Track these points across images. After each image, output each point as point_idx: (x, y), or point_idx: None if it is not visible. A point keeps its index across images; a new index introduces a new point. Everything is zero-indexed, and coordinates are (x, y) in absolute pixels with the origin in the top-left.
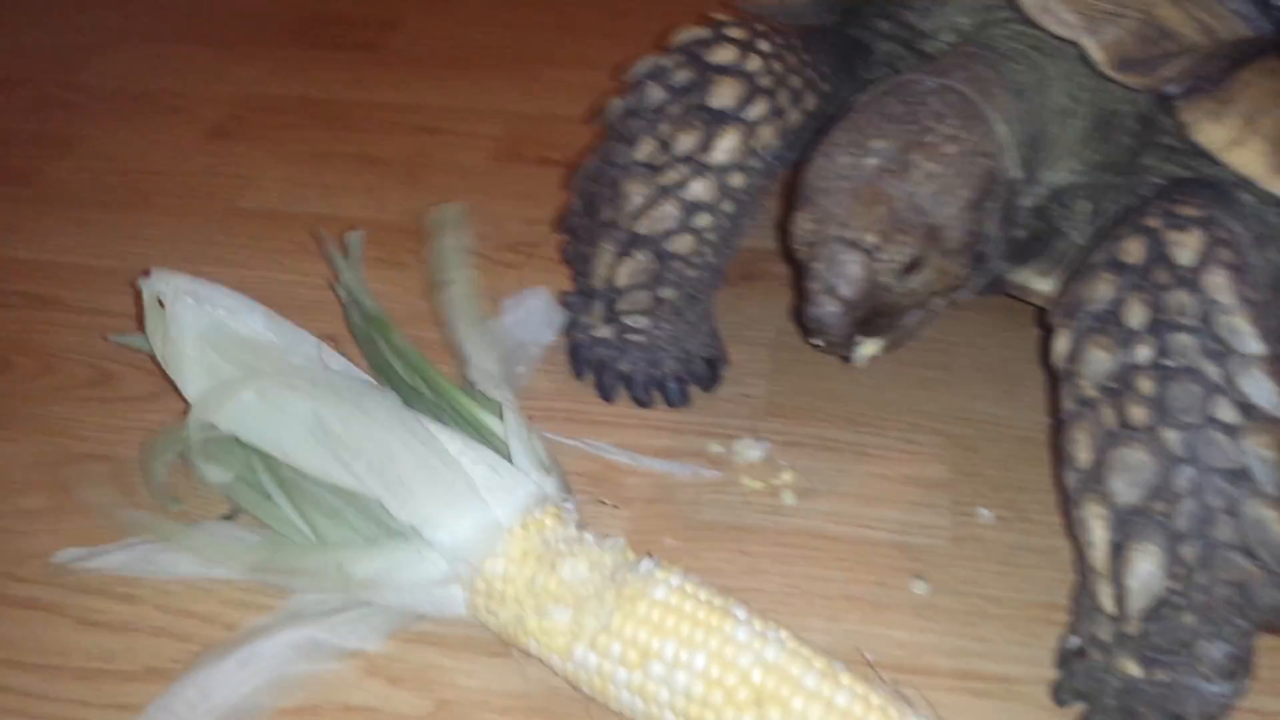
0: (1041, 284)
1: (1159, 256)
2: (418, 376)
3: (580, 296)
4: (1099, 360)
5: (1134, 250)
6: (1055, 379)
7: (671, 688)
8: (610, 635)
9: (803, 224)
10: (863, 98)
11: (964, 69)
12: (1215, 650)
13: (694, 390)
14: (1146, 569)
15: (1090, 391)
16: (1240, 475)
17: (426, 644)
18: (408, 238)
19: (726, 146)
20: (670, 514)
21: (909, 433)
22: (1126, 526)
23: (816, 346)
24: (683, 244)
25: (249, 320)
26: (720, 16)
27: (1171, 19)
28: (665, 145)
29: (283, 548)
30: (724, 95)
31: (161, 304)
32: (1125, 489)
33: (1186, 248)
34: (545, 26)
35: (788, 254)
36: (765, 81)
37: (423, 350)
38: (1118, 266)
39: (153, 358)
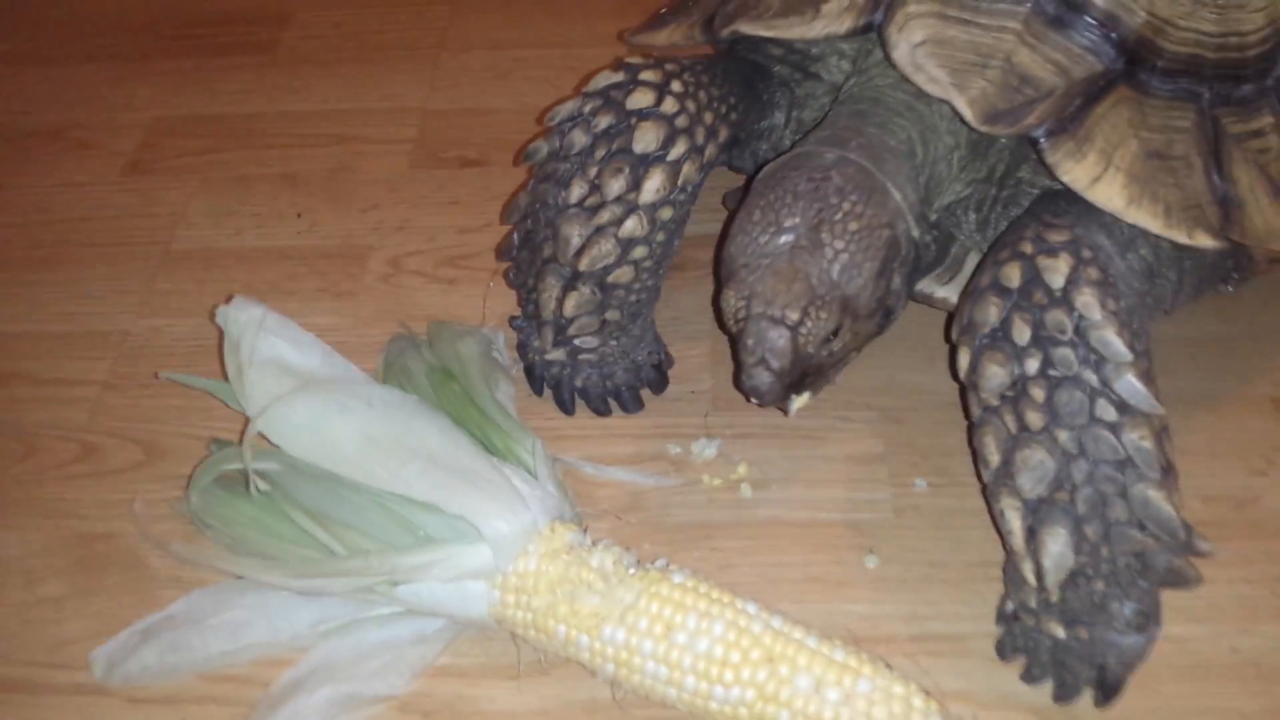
0: (942, 290)
1: (1034, 279)
2: (459, 412)
3: (529, 322)
4: (995, 374)
5: (1013, 275)
6: (963, 388)
7: (694, 652)
8: (638, 612)
9: (732, 302)
10: (771, 169)
11: (857, 133)
12: (1125, 609)
13: (647, 394)
14: (1057, 549)
15: (992, 400)
16: (1125, 464)
17: (449, 677)
18: (347, 263)
19: (653, 187)
20: (644, 520)
21: (844, 411)
22: (1036, 514)
23: (755, 403)
24: (622, 275)
25: (308, 353)
26: (633, 60)
27: (1029, 65)
28: (595, 187)
29: (323, 560)
30: (646, 140)
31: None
32: (1031, 485)
33: (1057, 272)
34: (436, 8)
35: (721, 325)
36: (681, 122)
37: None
38: (1001, 290)
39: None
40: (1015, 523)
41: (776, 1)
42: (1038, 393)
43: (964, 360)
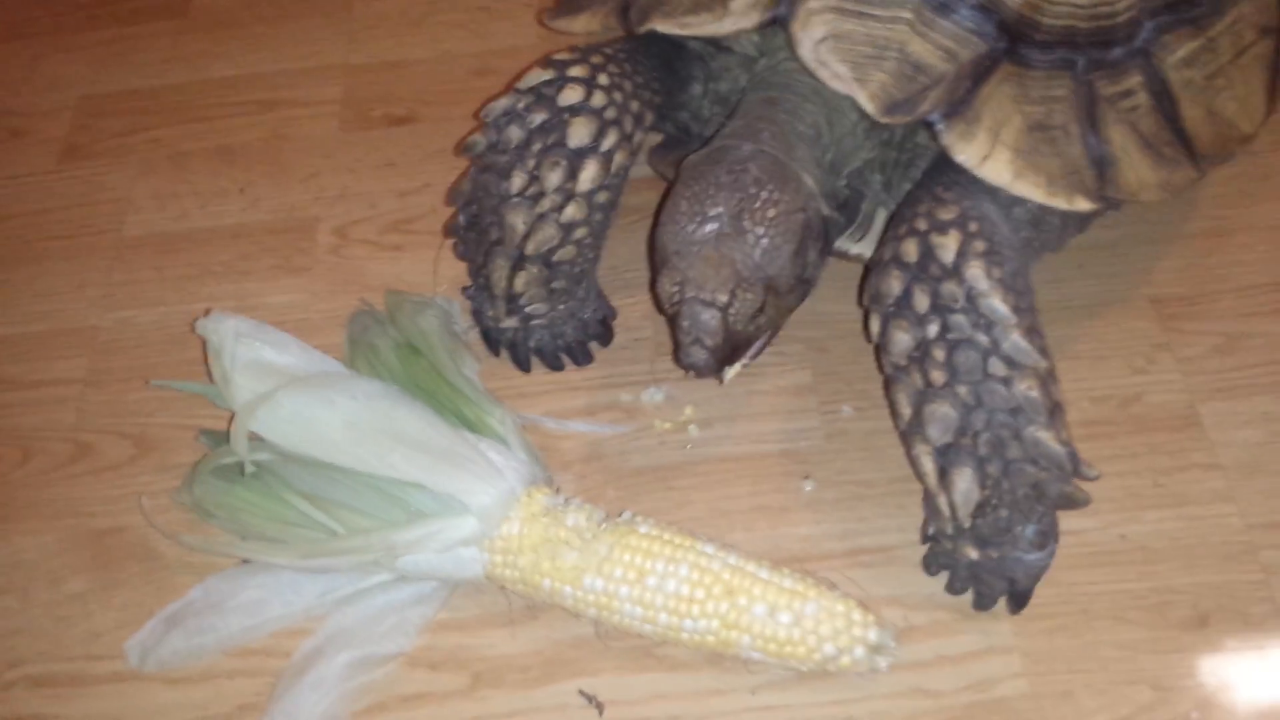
0: (856, 248)
1: (929, 254)
2: (429, 387)
3: (480, 291)
4: (901, 340)
5: (911, 251)
6: (876, 348)
7: (664, 592)
8: (612, 563)
9: (667, 287)
10: (695, 160)
11: (770, 122)
12: (1027, 531)
13: (595, 346)
14: (964, 485)
15: (900, 361)
16: (1017, 410)
17: (450, 630)
18: (295, 237)
19: (589, 177)
20: (606, 468)
21: (774, 346)
22: (945, 457)
23: (692, 376)
24: (566, 254)
25: (286, 351)
26: (560, 56)
27: (921, 53)
28: (535, 178)
29: (324, 540)
30: (579, 135)
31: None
32: (939, 434)
33: (947, 249)
34: None
35: (658, 307)
36: (610, 114)
37: (332, 354)
38: (902, 265)
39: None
40: (928, 465)
41: None
42: (939, 354)
43: (874, 326)
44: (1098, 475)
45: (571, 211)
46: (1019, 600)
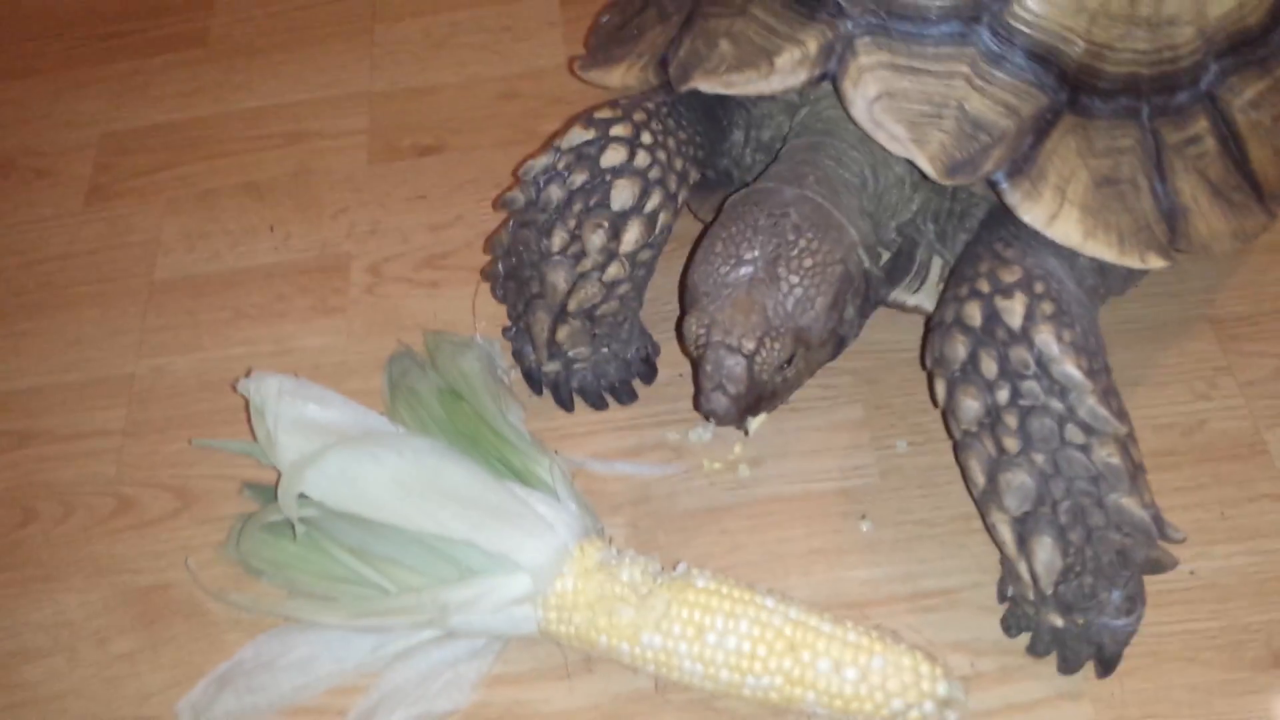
0: (912, 299)
1: (994, 317)
2: (473, 435)
3: (520, 334)
4: (970, 407)
5: (974, 315)
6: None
7: (725, 649)
8: (670, 619)
9: (693, 329)
10: (735, 201)
11: (814, 167)
12: (1114, 597)
13: (639, 384)
14: (1045, 555)
15: (971, 428)
16: (1098, 478)
17: (504, 685)
18: (329, 276)
19: (632, 239)
20: (655, 511)
21: (823, 379)
22: (1024, 525)
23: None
24: (609, 308)
25: (331, 407)
26: (603, 114)
27: (981, 109)
28: (576, 237)
29: (375, 597)
30: (623, 198)
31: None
32: (1016, 504)
33: (1014, 314)
34: None
35: (682, 348)
36: (655, 174)
37: (366, 398)
38: (965, 328)
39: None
40: (1007, 534)
41: (729, 53)
42: (1011, 420)
43: (940, 390)
44: (1183, 538)
45: (614, 271)
46: (1108, 665)
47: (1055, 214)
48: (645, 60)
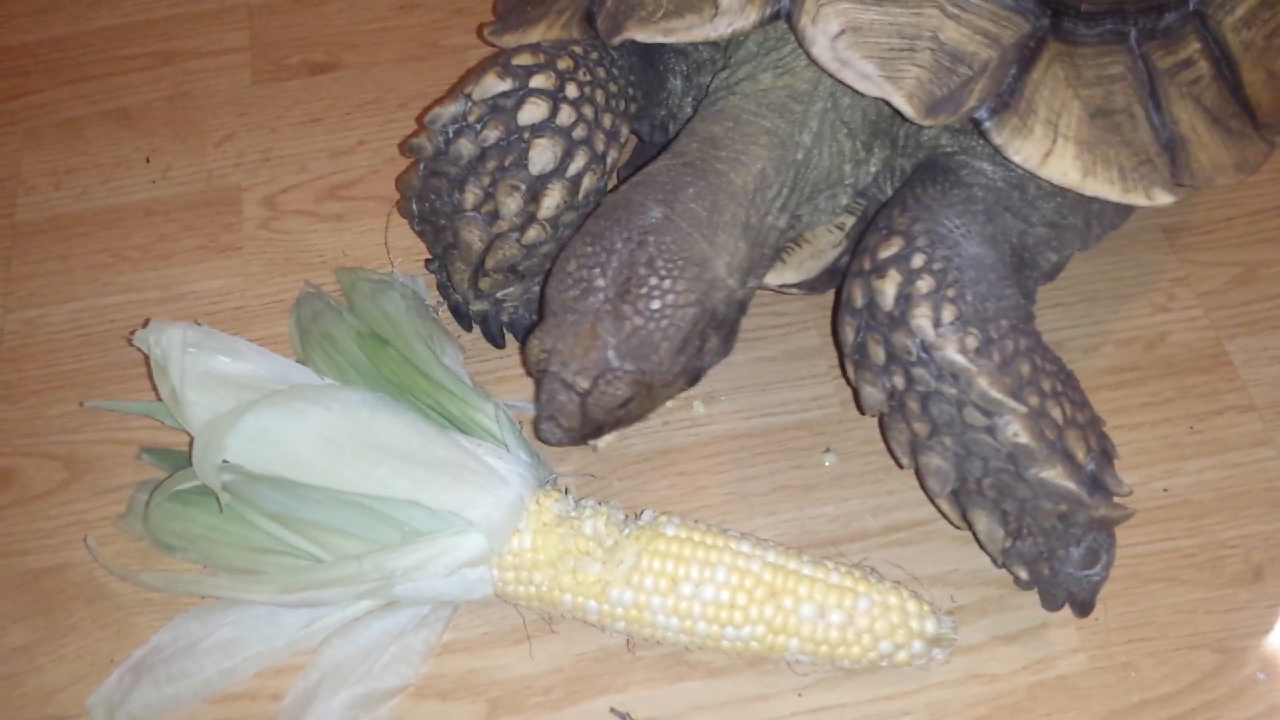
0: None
1: (873, 300)
2: (404, 383)
3: (444, 269)
4: (869, 394)
5: (856, 295)
6: None
7: (702, 600)
8: (641, 572)
9: (535, 351)
10: (608, 203)
11: (699, 173)
12: (1072, 552)
13: None
14: (983, 527)
15: (881, 410)
16: (1012, 456)
17: (457, 652)
18: (218, 211)
19: (552, 204)
20: (606, 456)
21: (774, 306)
22: (958, 498)
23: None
24: (531, 265)
25: (243, 359)
26: (522, 60)
27: (958, 40)
28: (490, 196)
29: (310, 567)
30: (543, 159)
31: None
32: (939, 486)
33: (885, 295)
34: None
35: (524, 363)
36: (580, 132)
37: (273, 344)
38: (852, 310)
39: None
40: (946, 508)
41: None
42: (914, 405)
43: (850, 372)
44: (1129, 490)
45: (534, 234)
46: (1083, 609)
47: (1049, 151)
48: (568, 16)
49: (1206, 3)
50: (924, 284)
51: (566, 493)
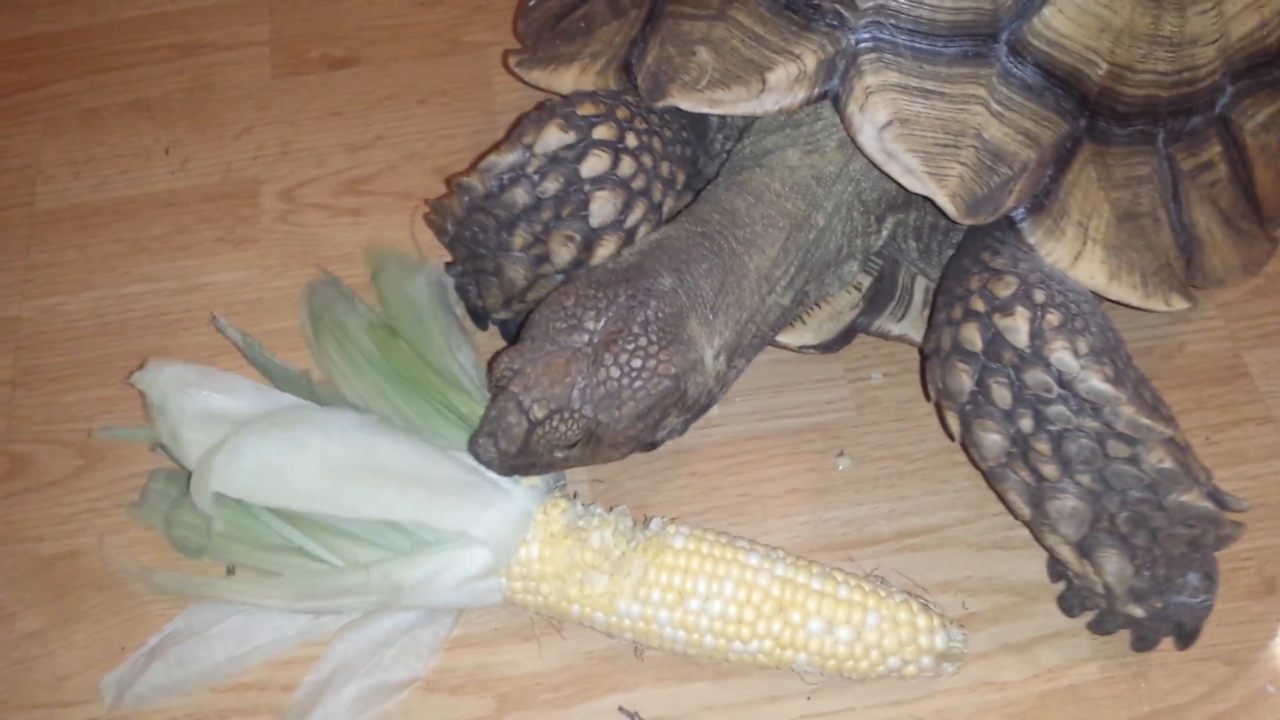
0: (897, 328)
1: (996, 338)
2: (414, 376)
3: (466, 276)
4: (992, 442)
5: (973, 338)
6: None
7: (709, 614)
8: (649, 585)
9: (501, 364)
10: (623, 259)
11: (713, 254)
12: (1191, 579)
13: None
14: (1114, 567)
15: (998, 461)
16: (1152, 484)
17: (466, 648)
18: (235, 204)
19: (606, 253)
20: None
21: None
22: (1085, 545)
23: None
24: None
25: (240, 397)
26: (585, 111)
27: (1000, 139)
28: (540, 241)
29: (320, 574)
30: (604, 213)
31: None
32: (1075, 530)
33: (1019, 331)
34: None
35: (488, 375)
36: (639, 183)
37: (286, 338)
38: (966, 354)
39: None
40: (1068, 554)
41: (710, 64)
42: (1043, 448)
43: (954, 425)
44: (1248, 506)
45: (575, 276)
46: (1187, 640)
47: (1079, 254)
48: (603, 63)
49: (1231, 107)
50: (1054, 317)
51: (575, 497)
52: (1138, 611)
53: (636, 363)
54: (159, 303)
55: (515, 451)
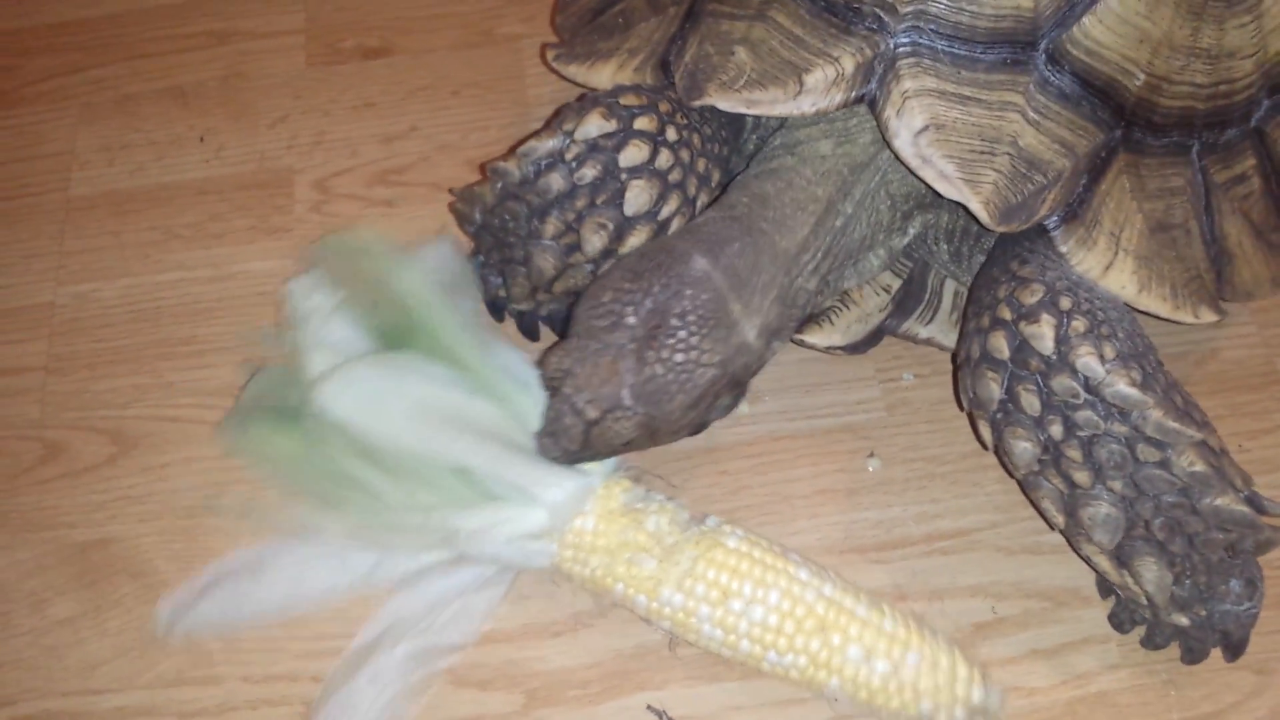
0: (925, 330)
1: (1023, 346)
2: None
3: (491, 268)
4: (1022, 449)
5: (1000, 346)
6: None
7: (750, 619)
8: (695, 578)
9: (552, 365)
10: (651, 247)
11: (745, 232)
12: (1233, 585)
13: None
14: (1152, 575)
15: (1030, 469)
16: (1186, 488)
17: (496, 642)
18: (270, 193)
19: (637, 243)
20: (649, 452)
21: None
22: (1121, 553)
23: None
24: None
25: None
26: (627, 101)
27: (1036, 147)
28: (572, 229)
29: (381, 510)
30: (639, 202)
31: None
32: (1107, 538)
33: (1044, 338)
34: None
35: (540, 370)
36: (675, 176)
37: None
38: (994, 363)
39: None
40: (1105, 563)
41: (748, 64)
42: (1074, 454)
43: (985, 433)
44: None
45: (609, 267)
46: (1236, 650)
47: (1109, 264)
48: (642, 59)
49: (1267, 120)
50: (1079, 324)
51: (639, 481)
52: (1183, 621)
53: (679, 357)
54: (192, 290)
55: (575, 449)
